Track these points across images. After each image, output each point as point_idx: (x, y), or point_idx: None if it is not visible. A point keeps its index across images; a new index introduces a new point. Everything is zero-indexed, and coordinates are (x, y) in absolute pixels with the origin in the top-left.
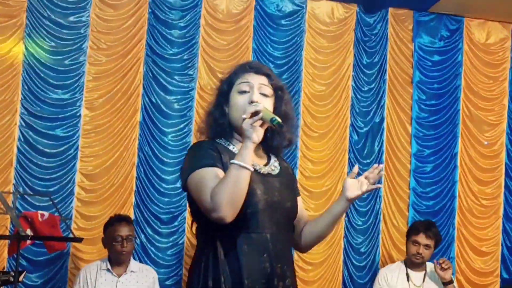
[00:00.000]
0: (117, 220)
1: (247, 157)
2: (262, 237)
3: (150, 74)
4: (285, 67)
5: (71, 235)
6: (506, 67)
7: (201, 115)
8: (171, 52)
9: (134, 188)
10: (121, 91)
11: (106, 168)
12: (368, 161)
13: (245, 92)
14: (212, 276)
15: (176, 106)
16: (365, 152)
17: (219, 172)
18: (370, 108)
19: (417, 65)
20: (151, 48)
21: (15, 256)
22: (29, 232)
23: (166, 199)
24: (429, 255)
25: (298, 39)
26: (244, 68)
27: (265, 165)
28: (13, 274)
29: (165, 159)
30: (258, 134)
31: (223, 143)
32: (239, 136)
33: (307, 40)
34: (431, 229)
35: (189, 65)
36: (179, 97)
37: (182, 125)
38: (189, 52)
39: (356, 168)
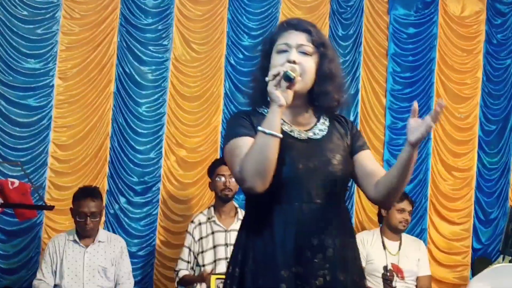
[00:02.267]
0: (83, 194)
1: (274, 123)
2: (294, 208)
3: (124, 44)
4: (260, 38)
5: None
6: (480, 40)
7: (175, 86)
8: (145, 22)
9: (108, 158)
10: (94, 61)
11: (79, 138)
12: None
13: (284, 51)
14: (244, 249)
15: (150, 76)
16: None
17: (250, 141)
18: (344, 80)
19: (392, 37)
20: (125, 18)
21: None
22: None
23: (140, 170)
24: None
25: (273, 10)
26: (283, 27)
27: (308, 130)
28: None
29: (139, 130)
30: (286, 97)
31: (264, 112)
32: None
33: (282, 11)
34: (409, 196)
35: (164, 35)
36: (153, 67)
37: (156, 96)
38: (164, 22)
39: (415, 105)
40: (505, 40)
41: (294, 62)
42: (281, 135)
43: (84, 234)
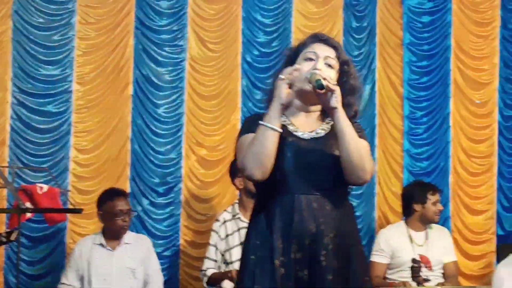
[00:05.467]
0: (116, 194)
1: (273, 117)
2: (294, 198)
3: (140, 46)
4: (275, 35)
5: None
6: (495, 26)
7: (192, 86)
8: (160, 23)
9: (129, 161)
10: (111, 64)
11: (100, 142)
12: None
13: (311, 59)
14: (251, 240)
15: (167, 77)
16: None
17: None
18: (361, 73)
19: (407, 27)
20: (140, 20)
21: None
22: (28, 205)
23: (161, 171)
24: None
25: (287, 5)
26: (313, 39)
27: (312, 131)
28: (4, 234)
29: (159, 131)
30: (289, 97)
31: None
32: (297, 102)
33: (296, 6)
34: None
35: (179, 36)
36: (170, 68)
37: (174, 97)
38: (178, 23)
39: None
40: None
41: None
42: (280, 130)
43: (120, 233)
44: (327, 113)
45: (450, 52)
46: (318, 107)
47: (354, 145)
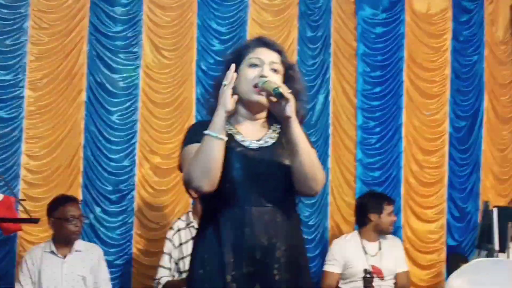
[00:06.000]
0: (67, 200)
1: (219, 126)
2: (244, 211)
3: (94, 52)
4: (230, 43)
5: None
6: (447, 38)
7: (147, 93)
8: (114, 29)
9: (82, 168)
10: (64, 70)
11: (52, 149)
12: (315, 136)
13: (256, 65)
14: (199, 253)
15: (121, 84)
16: (311, 125)
17: None
18: (315, 82)
19: (361, 37)
20: (94, 26)
21: None
22: None
23: (114, 178)
24: None
25: (242, 13)
26: (256, 43)
27: (259, 139)
28: None
29: (112, 138)
30: (232, 104)
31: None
32: (243, 110)
33: (251, 15)
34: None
35: (133, 42)
36: (124, 75)
37: (128, 104)
38: (133, 29)
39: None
40: (471, 36)
41: (266, 77)
42: (225, 138)
43: (71, 239)
44: (273, 119)
45: (403, 63)
46: (263, 114)
47: (307, 156)
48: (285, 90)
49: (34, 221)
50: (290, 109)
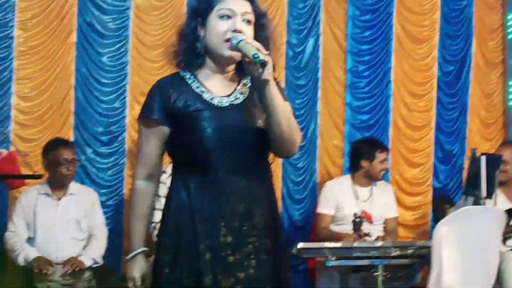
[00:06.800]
0: (61, 143)
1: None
2: (218, 178)
3: None
4: None
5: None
6: None
7: (137, 35)
8: None
9: (73, 109)
10: (54, 10)
11: (42, 90)
12: (304, 79)
13: (227, 16)
14: (174, 219)
15: (111, 25)
16: (301, 68)
17: (154, 150)
18: (305, 26)
19: None
20: None
21: None
22: None
23: (105, 120)
24: None
25: None
26: None
27: (229, 95)
28: None
29: (103, 80)
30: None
31: (187, 78)
32: (211, 64)
33: None
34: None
35: None
36: (114, 16)
37: (118, 45)
38: None
39: None
40: None
41: (239, 32)
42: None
43: (64, 182)
44: (242, 72)
45: (393, 6)
46: (232, 67)
47: (285, 120)
48: (264, 54)
49: (37, 177)
50: (268, 72)
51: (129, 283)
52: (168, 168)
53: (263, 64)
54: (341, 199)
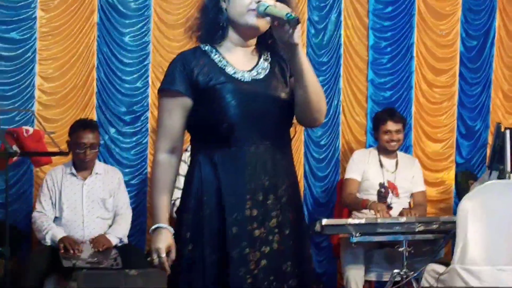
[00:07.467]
0: (82, 126)
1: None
2: (243, 151)
3: None
4: None
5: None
6: None
7: (159, 14)
8: None
9: (95, 89)
10: None
11: (65, 70)
12: (326, 56)
13: None
14: (196, 195)
15: (133, 5)
16: (323, 46)
17: (177, 123)
18: (327, 2)
19: None
20: None
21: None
22: (15, 148)
23: (128, 100)
24: (403, 138)
25: None
26: None
27: (251, 69)
28: None
29: (125, 60)
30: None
31: (209, 51)
32: (234, 36)
33: None
34: (395, 113)
35: None
36: None
37: (140, 25)
38: None
39: None
40: None
41: (261, 1)
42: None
43: (83, 165)
44: (263, 46)
45: None
46: (254, 41)
47: (313, 87)
48: (296, 14)
49: (64, 153)
50: (298, 34)
51: (153, 255)
52: (190, 147)
53: (298, 21)
54: (367, 169)
